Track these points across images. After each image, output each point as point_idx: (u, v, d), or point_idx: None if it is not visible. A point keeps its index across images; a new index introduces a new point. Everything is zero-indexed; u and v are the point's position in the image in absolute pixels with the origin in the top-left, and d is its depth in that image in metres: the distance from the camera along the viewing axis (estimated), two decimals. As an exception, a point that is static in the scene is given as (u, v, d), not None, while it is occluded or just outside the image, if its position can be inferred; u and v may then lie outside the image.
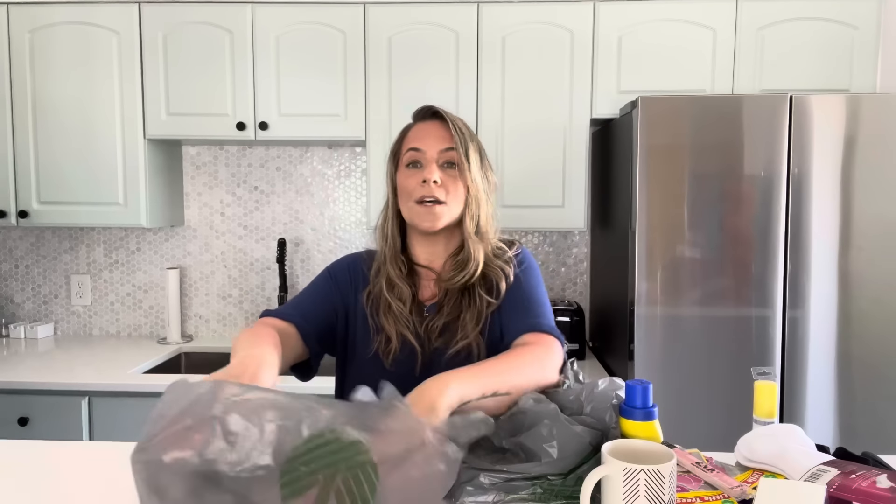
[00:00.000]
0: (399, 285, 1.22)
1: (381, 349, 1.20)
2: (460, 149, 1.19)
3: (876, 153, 1.91)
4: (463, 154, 1.19)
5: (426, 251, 1.26)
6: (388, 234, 1.26)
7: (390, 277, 1.23)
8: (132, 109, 2.34)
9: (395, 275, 1.23)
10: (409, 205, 1.21)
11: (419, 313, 1.23)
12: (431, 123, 1.23)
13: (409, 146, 1.22)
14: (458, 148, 1.19)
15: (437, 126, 1.22)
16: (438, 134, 1.21)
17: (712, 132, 1.92)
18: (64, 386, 2.09)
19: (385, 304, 1.22)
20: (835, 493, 0.84)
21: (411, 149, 1.22)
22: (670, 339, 1.96)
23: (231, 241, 2.73)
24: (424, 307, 1.24)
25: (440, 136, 1.21)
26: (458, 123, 1.22)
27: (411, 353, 1.20)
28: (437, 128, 1.22)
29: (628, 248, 1.99)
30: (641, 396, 0.93)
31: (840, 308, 1.95)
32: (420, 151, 1.20)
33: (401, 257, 1.25)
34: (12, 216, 2.38)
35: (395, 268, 1.24)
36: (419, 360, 1.20)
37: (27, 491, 1.02)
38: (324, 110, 2.34)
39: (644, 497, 0.78)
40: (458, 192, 1.20)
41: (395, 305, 1.21)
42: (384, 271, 1.24)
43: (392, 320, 1.20)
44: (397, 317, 1.20)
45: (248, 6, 2.31)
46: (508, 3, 2.29)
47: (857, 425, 1.96)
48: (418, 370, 1.19)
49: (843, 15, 2.23)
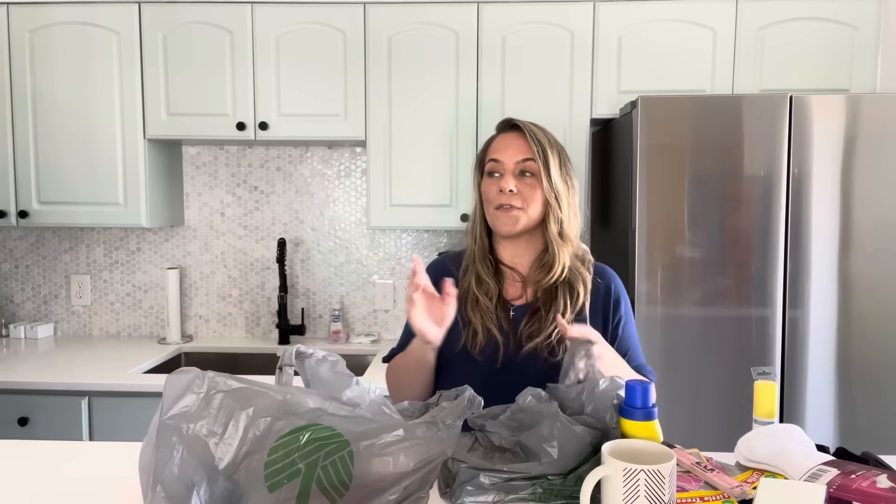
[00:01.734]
0: (487, 281, 1.32)
1: (468, 341, 1.28)
2: (538, 158, 1.28)
3: (876, 153, 1.91)
4: (542, 163, 1.28)
5: (510, 252, 1.35)
6: (477, 235, 1.36)
7: (479, 274, 1.32)
8: (132, 109, 2.34)
9: (484, 272, 1.33)
10: (490, 210, 1.32)
11: (504, 310, 1.31)
12: (510, 135, 1.32)
13: (490, 157, 1.32)
14: (537, 158, 1.28)
15: (516, 137, 1.31)
16: (517, 145, 1.30)
17: (712, 132, 1.92)
18: (64, 386, 2.09)
19: (473, 298, 1.31)
20: (835, 493, 0.84)
21: (491, 160, 1.32)
22: (670, 339, 1.96)
23: (231, 241, 2.73)
24: (510, 305, 1.32)
25: (518, 147, 1.30)
26: (536, 134, 1.30)
27: (495, 347, 1.27)
28: (516, 139, 1.31)
29: (628, 248, 1.99)
30: (641, 396, 0.93)
31: (840, 308, 1.95)
32: (498, 163, 1.30)
33: (489, 256, 1.35)
34: (12, 216, 2.38)
35: (483, 266, 1.33)
36: (501, 354, 1.27)
37: (27, 491, 1.02)
38: (324, 110, 2.34)
39: (644, 497, 0.78)
40: (535, 198, 1.29)
41: (483, 300, 1.30)
42: (473, 269, 1.34)
43: (479, 314, 1.29)
44: (484, 311, 1.29)
45: (248, 6, 2.31)
46: (508, 3, 2.28)
47: (857, 425, 1.96)
48: (500, 363, 1.26)
49: (843, 15, 2.23)
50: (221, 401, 0.81)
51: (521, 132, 1.31)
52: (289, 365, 0.93)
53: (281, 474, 0.80)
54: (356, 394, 0.88)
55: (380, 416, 0.85)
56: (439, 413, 0.88)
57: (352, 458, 0.82)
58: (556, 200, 1.29)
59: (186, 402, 0.81)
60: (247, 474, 0.80)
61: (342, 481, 0.81)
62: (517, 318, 1.30)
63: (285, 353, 0.93)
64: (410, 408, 0.98)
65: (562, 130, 2.30)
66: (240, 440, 0.80)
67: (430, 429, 0.85)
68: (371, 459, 0.82)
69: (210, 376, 0.83)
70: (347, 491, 0.81)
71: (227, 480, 0.80)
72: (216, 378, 0.83)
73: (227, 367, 1.90)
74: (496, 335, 1.27)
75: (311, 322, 2.73)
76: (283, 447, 0.81)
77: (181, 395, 0.82)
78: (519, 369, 1.25)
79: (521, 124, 1.31)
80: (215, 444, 0.80)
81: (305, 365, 0.93)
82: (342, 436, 0.82)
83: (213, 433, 0.80)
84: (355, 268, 2.72)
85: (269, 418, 0.81)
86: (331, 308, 2.69)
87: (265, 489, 0.80)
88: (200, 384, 0.82)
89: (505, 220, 1.28)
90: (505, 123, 1.36)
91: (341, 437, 0.82)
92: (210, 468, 0.80)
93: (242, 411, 0.81)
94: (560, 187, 1.29)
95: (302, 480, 0.80)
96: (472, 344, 1.27)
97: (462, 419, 0.89)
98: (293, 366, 0.93)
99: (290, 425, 0.82)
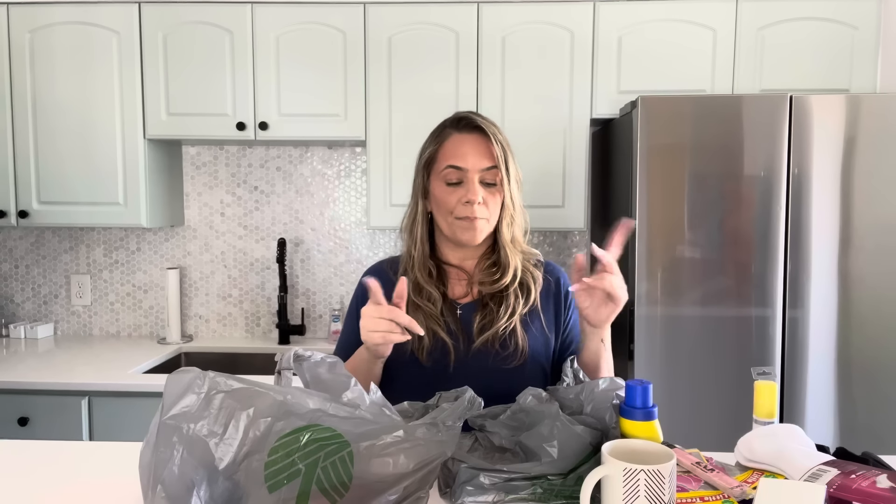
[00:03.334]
0: (427, 289, 1.24)
1: (414, 347, 1.21)
2: (502, 165, 1.20)
3: (876, 153, 1.91)
4: (504, 170, 1.20)
5: (457, 254, 1.29)
6: (418, 238, 1.27)
7: (418, 282, 1.24)
8: (132, 109, 2.34)
9: (423, 279, 1.25)
10: (448, 219, 1.23)
11: (451, 311, 1.25)
12: (470, 137, 1.22)
13: (449, 163, 1.21)
14: (500, 165, 1.20)
15: (478, 140, 1.21)
16: (479, 150, 1.21)
17: (712, 132, 1.92)
18: (64, 386, 2.09)
19: (413, 304, 1.22)
20: (835, 493, 0.84)
21: (452, 166, 1.21)
22: (670, 339, 1.96)
23: (231, 241, 2.73)
24: (457, 305, 1.26)
25: (481, 152, 1.20)
26: (499, 137, 1.22)
27: (444, 350, 1.21)
28: (478, 142, 1.21)
29: (628, 248, 1.99)
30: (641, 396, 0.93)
31: (840, 308, 1.95)
32: (462, 170, 1.20)
33: (429, 261, 1.27)
34: (12, 216, 2.38)
35: (423, 272, 1.25)
36: (452, 356, 1.21)
37: (27, 491, 1.02)
38: (324, 110, 2.34)
39: (644, 497, 0.78)
40: (496, 205, 1.23)
41: (425, 307, 1.22)
42: (411, 276, 1.25)
43: (422, 317, 1.21)
44: (427, 314, 1.22)
45: (248, 6, 2.31)
46: (508, 3, 2.28)
47: (857, 425, 1.96)
48: (452, 366, 1.21)
49: (843, 15, 2.23)
50: (222, 401, 0.81)
51: (484, 135, 1.21)
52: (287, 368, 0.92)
53: (281, 475, 0.80)
54: (356, 395, 0.88)
55: (380, 418, 0.86)
56: (439, 414, 0.88)
57: (352, 458, 0.82)
58: (512, 206, 1.23)
59: (187, 402, 0.81)
60: (247, 474, 0.80)
61: (342, 482, 0.81)
62: (466, 316, 1.24)
63: (283, 357, 0.93)
64: (410, 409, 0.98)
65: (562, 130, 2.30)
66: (240, 440, 0.80)
67: (431, 430, 0.85)
68: (371, 460, 0.82)
69: (211, 376, 0.83)
70: (347, 491, 0.82)
71: (227, 481, 0.80)
72: (217, 378, 0.83)
73: (227, 367, 1.90)
74: (443, 338, 1.21)
75: (311, 322, 2.73)
76: (283, 447, 0.81)
77: (182, 395, 0.82)
78: (470, 367, 1.20)
79: (484, 126, 1.21)
80: (216, 445, 0.80)
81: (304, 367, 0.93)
82: (342, 436, 0.82)
83: (213, 433, 0.80)
84: (355, 268, 2.72)
85: (270, 419, 0.81)
86: (331, 308, 2.69)
87: (265, 489, 0.80)
88: (201, 384, 0.82)
89: (470, 232, 1.21)
90: (463, 121, 1.24)
91: (341, 437, 0.82)
92: (210, 468, 0.80)
93: (243, 411, 0.81)
94: (517, 193, 1.24)
95: (302, 481, 0.80)
96: (418, 349, 1.20)
97: (462, 420, 0.89)
98: (291, 369, 0.93)
99: (290, 426, 0.82)
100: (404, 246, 1.30)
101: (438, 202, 1.24)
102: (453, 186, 1.21)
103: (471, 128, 1.23)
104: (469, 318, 1.24)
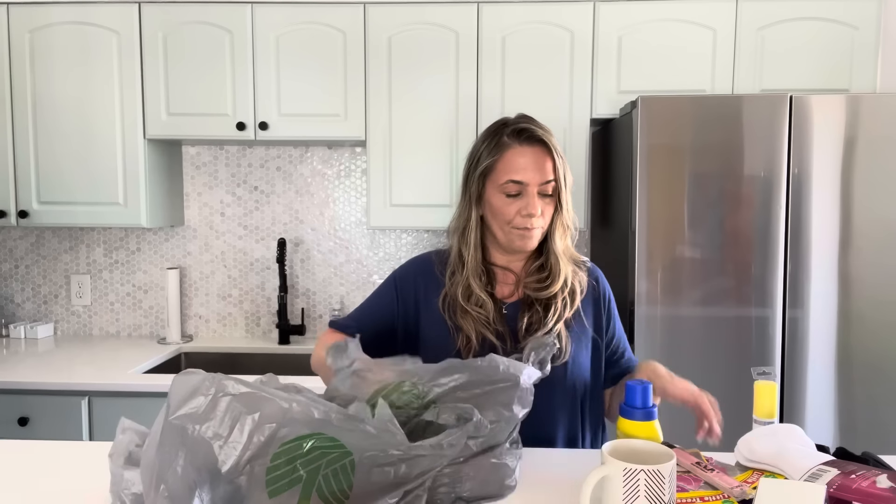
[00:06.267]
0: (477, 293, 1.25)
1: (462, 347, 1.23)
2: (561, 178, 1.22)
3: (876, 153, 1.91)
4: (563, 182, 1.23)
5: (506, 256, 1.31)
6: (471, 244, 1.28)
7: (470, 287, 1.26)
8: (132, 109, 2.34)
9: (476, 284, 1.26)
10: (505, 228, 1.24)
11: (498, 311, 1.27)
12: (532, 149, 1.23)
13: (511, 177, 1.22)
14: (560, 179, 1.22)
15: (538, 154, 1.22)
16: (540, 164, 1.22)
17: (712, 132, 1.92)
18: (64, 386, 2.09)
19: (462, 309, 1.25)
20: (835, 493, 0.84)
21: (513, 181, 1.21)
22: (670, 339, 1.96)
23: (231, 241, 2.73)
24: (503, 305, 1.28)
25: (542, 166, 1.22)
26: (558, 149, 1.23)
27: (491, 351, 1.21)
28: (538, 155, 1.22)
29: (628, 248, 1.99)
30: (641, 396, 0.93)
31: (840, 308, 1.95)
32: (522, 184, 1.21)
33: (481, 267, 1.28)
34: (12, 216, 2.38)
35: (475, 278, 1.26)
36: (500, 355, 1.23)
37: (27, 491, 1.02)
38: (324, 110, 2.34)
39: (644, 497, 0.78)
40: (551, 213, 1.26)
41: (473, 311, 1.24)
42: (462, 280, 1.26)
43: (471, 321, 1.24)
44: (476, 319, 1.24)
45: (248, 6, 2.31)
46: (508, 3, 2.28)
47: (857, 425, 1.96)
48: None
49: (843, 15, 2.23)
50: (228, 404, 0.81)
51: (544, 147, 1.22)
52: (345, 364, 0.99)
53: (282, 480, 0.80)
54: (361, 408, 0.88)
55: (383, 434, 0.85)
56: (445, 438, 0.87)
57: (353, 467, 0.82)
58: (568, 217, 1.27)
59: (195, 403, 0.81)
60: (249, 479, 0.80)
61: (342, 490, 0.82)
62: (511, 314, 1.27)
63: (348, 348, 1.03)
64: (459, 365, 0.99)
65: (562, 130, 2.30)
66: (244, 445, 0.80)
67: (435, 448, 0.85)
68: (372, 469, 0.83)
69: (219, 379, 0.83)
70: (347, 500, 0.82)
71: (229, 484, 0.80)
72: (225, 381, 0.83)
73: (227, 368, 1.90)
74: (491, 339, 1.23)
75: (311, 322, 2.73)
76: (285, 453, 0.81)
77: (189, 396, 0.81)
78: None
79: (545, 138, 1.22)
80: (220, 447, 0.80)
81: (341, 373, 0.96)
82: (345, 446, 0.82)
83: (218, 436, 0.80)
84: (355, 268, 2.72)
85: (275, 424, 0.81)
86: (331, 308, 2.69)
87: (266, 494, 0.79)
88: (209, 386, 0.82)
89: (526, 241, 1.24)
90: (524, 134, 1.24)
91: (344, 447, 0.82)
92: (213, 471, 0.80)
93: (248, 416, 0.81)
94: (570, 202, 1.27)
95: (303, 487, 0.80)
96: (465, 348, 1.23)
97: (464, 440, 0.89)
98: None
99: (294, 432, 0.81)
100: (453, 247, 1.31)
101: (495, 211, 1.25)
102: (512, 198, 1.23)
103: (532, 140, 1.23)
104: (514, 316, 1.27)
